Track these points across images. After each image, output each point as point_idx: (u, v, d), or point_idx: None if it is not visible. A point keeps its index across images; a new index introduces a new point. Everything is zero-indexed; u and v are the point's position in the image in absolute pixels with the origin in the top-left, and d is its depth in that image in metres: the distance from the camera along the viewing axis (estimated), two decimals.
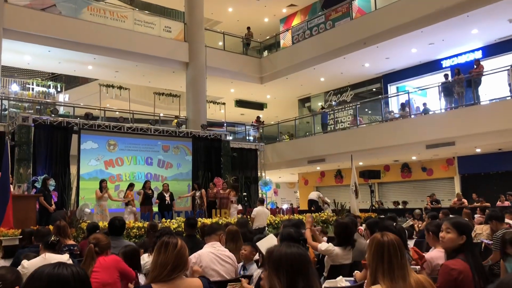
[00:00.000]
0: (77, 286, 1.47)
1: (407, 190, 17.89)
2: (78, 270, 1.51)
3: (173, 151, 14.82)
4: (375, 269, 2.50)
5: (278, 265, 1.92)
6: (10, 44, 13.71)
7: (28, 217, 8.61)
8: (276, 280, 1.89)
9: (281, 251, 1.97)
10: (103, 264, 3.47)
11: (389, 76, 18.68)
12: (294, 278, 1.88)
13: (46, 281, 1.44)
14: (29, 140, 11.70)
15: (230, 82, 19.39)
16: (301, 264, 1.94)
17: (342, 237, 4.68)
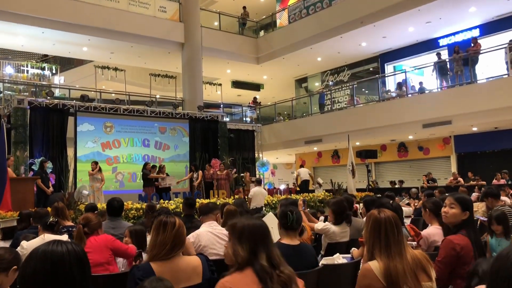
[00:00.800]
0: (73, 261, 1.48)
1: (404, 169, 17.98)
2: (73, 246, 1.52)
3: (170, 132, 14.80)
4: (372, 245, 2.53)
5: (241, 234, 2.04)
6: (3, 25, 13.53)
7: (26, 200, 8.62)
8: (239, 248, 2.01)
9: (244, 223, 2.09)
10: (94, 244, 3.46)
11: (386, 55, 18.58)
12: (256, 245, 2.02)
13: (42, 258, 1.45)
14: (25, 122, 11.66)
15: (226, 62, 19.26)
16: (262, 234, 2.08)
17: (337, 215, 4.70)
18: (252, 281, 1.94)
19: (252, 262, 1.98)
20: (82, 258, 1.52)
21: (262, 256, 2.01)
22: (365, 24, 15.33)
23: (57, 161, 11.93)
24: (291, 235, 3.16)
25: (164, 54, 17.74)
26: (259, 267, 1.97)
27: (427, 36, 16.71)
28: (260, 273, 1.96)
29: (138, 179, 13.63)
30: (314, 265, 3.22)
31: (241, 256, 1.99)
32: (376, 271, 2.39)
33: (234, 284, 1.92)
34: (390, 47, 17.88)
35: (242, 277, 1.96)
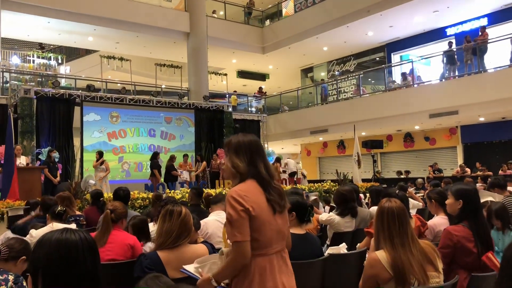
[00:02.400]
0: (85, 250, 1.48)
1: (410, 159, 17.92)
2: (85, 235, 1.53)
3: (176, 122, 14.81)
4: (377, 235, 2.55)
5: (238, 148, 2.13)
6: (9, 15, 13.54)
7: (34, 189, 8.67)
8: (238, 160, 2.10)
9: (238, 138, 2.17)
10: (119, 238, 3.38)
11: (392, 45, 18.44)
12: (252, 157, 2.11)
13: (55, 245, 1.45)
14: (31, 112, 11.71)
15: (231, 52, 19.19)
16: (257, 147, 2.16)
17: (341, 206, 4.69)
18: (257, 189, 2.05)
19: (253, 173, 2.08)
20: (93, 247, 1.53)
21: (261, 165, 2.11)
22: (372, 13, 15.20)
23: (63, 151, 11.99)
24: (302, 227, 3.17)
25: (170, 44, 17.69)
26: (260, 177, 2.08)
27: (434, 26, 16.55)
28: (262, 182, 2.07)
29: (144, 169, 13.70)
30: (320, 254, 3.23)
31: (242, 167, 2.08)
32: (383, 261, 2.40)
33: (246, 191, 2.02)
34: (397, 36, 17.73)
35: (249, 186, 2.05)
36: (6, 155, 8.45)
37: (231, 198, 1.99)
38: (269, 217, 2.04)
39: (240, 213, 1.96)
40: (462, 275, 2.92)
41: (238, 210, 1.96)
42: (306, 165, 21.94)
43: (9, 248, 2.47)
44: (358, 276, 3.57)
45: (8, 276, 2.29)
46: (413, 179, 13.20)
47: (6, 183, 8.27)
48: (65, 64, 19.64)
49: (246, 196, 1.99)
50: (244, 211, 1.96)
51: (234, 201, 1.97)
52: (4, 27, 13.38)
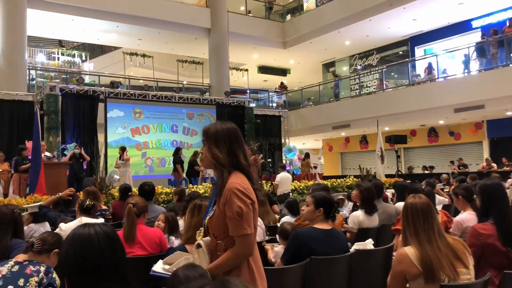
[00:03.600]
0: (101, 242, 1.54)
1: (434, 155, 17.64)
2: (101, 227, 1.58)
3: (198, 118, 14.90)
4: (404, 231, 2.54)
5: (217, 137, 2.09)
6: (34, 13, 13.80)
7: (60, 184, 8.86)
8: (216, 149, 2.07)
9: (217, 127, 2.12)
10: (146, 233, 3.39)
11: (416, 38, 18.14)
12: (232, 145, 2.08)
13: (71, 241, 1.54)
14: (57, 109, 11.94)
15: (252, 48, 19.16)
16: (236, 135, 2.13)
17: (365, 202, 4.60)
18: (247, 181, 2.04)
19: (235, 164, 2.06)
20: (112, 238, 1.58)
21: (240, 155, 2.08)
22: (395, 7, 14.96)
23: (88, 147, 12.19)
24: (327, 222, 3.14)
25: (191, 40, 17.78)
26: (242, 168, 2.06)
27: (460, 18, 16.20)
28: (247, 173, 2.07)
29: (166, 164, 13.83)
30: (345, 250, 3.21)
31: (222, 157, 2.06)
32: (412, 257, 2.38)
33: (245, 184, 2.01)
34: (421, 29, 17.42)
35: (243, 179, 2.03)
36: (33, 151, 8.65)
37: (238, 191, 1.96)
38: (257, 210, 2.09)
39: (249, 206, 1.97)
40: (493, 273, 2.86)
41: (247, 203, 1.96)
42: (328, 161, 21.84)
43: (42, 241, 2.53)
44: (385, 272, 3.54)
45: (40, 268, 2.35)
46: (437, 175, 13.00)
47: (34, 178, 8.47)
48: (89, 61, 19.96)
49: (248, 189, 2.00)
50: (252, 203, 1.99)
51: (242, 194, 1.96)
52: (30, 25, 13.64)
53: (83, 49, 20.69)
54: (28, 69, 14.43)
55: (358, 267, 3.32)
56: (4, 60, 12.84)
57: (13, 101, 12.25)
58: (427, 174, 14.93)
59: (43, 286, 2.30)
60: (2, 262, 2.41)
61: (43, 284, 2.30)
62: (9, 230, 3.01)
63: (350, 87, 18.31)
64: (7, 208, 3.11)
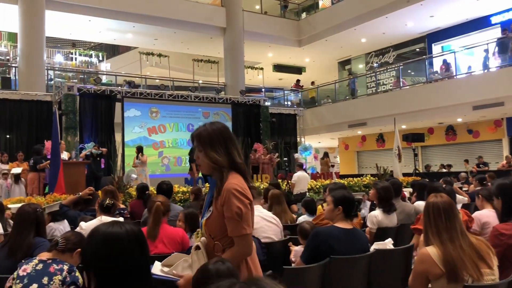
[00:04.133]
0: (132, 242, 1.52)
1: (452, 153, 17.40)
2: (132, 227, 1.56)
3: (213, 117, 14.94)
4: (426, 230, 2.52)
5: (211, 140, 2.07)
6: (53, 15, 13.99)
7: (78, 183, 8.97)
8: (214, 152, 2.05)
9: (208, 129, 2.10)
10: (168, 231, 3.40)
11: (433, 35, 17.91)
12: (227, 145, 2.07)
13: (102, 239, 1.50)
14: (75, 108, 12.08)
15: (268, 46, 19.14)
16: (228, 134, 2.12)
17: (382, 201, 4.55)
18: (244, 181, 2.04)
19: (232, 164, 2.05)
20: (141, 239, 1.56)
21: (235, 154, 2.08)
22: (412, 3, 14.79)
23: (105, 146, 12.28)
24: (348, 221, 3.12)
25: (206, 39, 17.84)
26: (239, 167, 2.06)
27: (478, 14, 15.94)
28: (242, 172, 2.06)
29: (183, 163, 13.90)
30: (366, 249, 3.19)
31: (221, 160, 2.04)
32: (434, 256, 2.35)
33: (242, 184, 2.01)
34: (438, 26, 17.20)
35: (240, 179, 2.03)
36: (52, 150, 8.77)
37: (237, 191, 1.96)
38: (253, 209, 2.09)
39: (248, 206, 1.97)
40: None
41: (246, 203, 1.96)
42: (344, 159, 21.72)
43: (66, 240, 2.57)
44: (405, 272, 3.51)
45: (63, 266, 2.39)
46: (455, 173, 12.82)
47: (53, 177, 8.59)
48: (105, 61, 20.16)
49: (246, 189, 2.00)
50: (250, 203, 1.99)
51: (240, 194, 1.96)
52: (48, 26, 13.83)
53: (100, 49, 20.91)
54: (47, 69, 14.64)
55: (377, 267, 3.29)
56: (24, 61, 13.06)
57: (32, 101, 12.45)
58: (445, 172, 14.73)
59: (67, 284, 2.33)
60: (27, 260, 2.45)
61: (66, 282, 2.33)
62: (32, 228, 3.06)
63: (366, 85, 18.16)
64: (30, 207, 3.16)
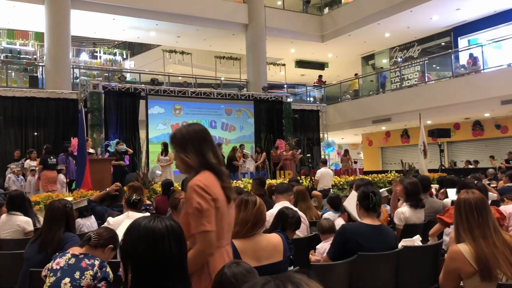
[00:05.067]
0: (171, 238, 1.52)
1: (479, 149, 17.03)
2: (172, 223, 1.56)
3: (236, 114, 14.97)
4: (457, 227, 2.46)
5: (183, 142, 2.09)
6: (78, 14, 14.22)
7: (104, 179, 9.11)
8: (184, 154, 2.06)
9: (183, 131, 2.12)
10: None
11: (459, 29, 17.51)
12: (201, 145, 2.07)
13: (143, 233, 1.50)
14: (100, 106, 12.26)
15: (290, 42, 19.05)
16: (204, 135, 2.12)
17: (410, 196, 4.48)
18: (214, 179, 2.02)
19: (204, 163, 2.05)
20: (180, 236, 1.56)
21: (210, 154, 2.07)
22: None
23: (130, 143, 12.46)
24: (372, 216, 3.09)
25: (229, 36, 17.86)
26: (212, 166, 2.04)
27: (506, 6, 15.50)
28: (215, 171, 2.04)
29: None
30: (394, 246, 3.14)
31: (191, 160, 2.05)
32: (466, 254, 2.29)
33: (208, 181, 1.98)
34: (464, 19, 16.80)
35: (207, 177, 2.00)
36: (79, 148, 8.93)
37: (198, 187, 1.94)
38: (225, 209, 2.03)
39: (210, 202, 1.94)
40: None
41: (207, 199, 1.93)
42: (367, 156, 21.50)
43: (98, 236, 2.61)
44: (433, 269, 3.44)
45: (94, 261, 2.42)
46: (483, 169, 12.54)
47: (80, 173, 8.75)
48: (129, 59, 20.40)
49: (212, 186, 1.97)
50: (212, 200, 1.95)
51: (201, 190, 1.94)
52: (73, 25, 14.07)
53: (123, 47, 21.17)
54: (72, 68, 14.90)
55: (405, 264, 3.24)
56: (50, 60, 13.32)
57: (58, 99, 12.72)
58: (472, 169, 14.42)
59: (98, 280, 2.36)
60: (61, 253, 2.50)
61: (97, 278, 2.37)
62: (62, 224, 3.11)
63: (390, 80, 17.91)
64: (60, 202, 3.21)
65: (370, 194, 3.05)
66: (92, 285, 2.34)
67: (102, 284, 2.35)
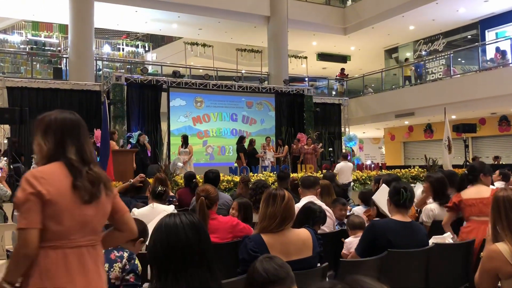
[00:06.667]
0: (187, 230, 1.58)
1: (506, 144, 16.62)
2: (187, 217, 1.61)
3: (257, 107, 14.92)
4: (494, 225, 2.37)
5: (47, 128, 1.91)
6: (101, 6, 14.31)
7: (127, 170, 9.17)
8: (44, 141, 1.89)
9: (51, 116, 1.94)
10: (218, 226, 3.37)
11: (487, 21, 17.05)
12: (63, 138, 1.90)
13: (165, 230, 1.59)
14: (122, 98, 12.35)
15: (312, 34, 18.84)
16: (72, 126, 1.94)
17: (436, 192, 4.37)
18: (62, 173, 1.83)
19: (59, 156, 1.87)
20: (197, 225, 1.61)
21: (71, 149, 1.89)
22: None
23: (152, 135, 12.54)
24: (403, 213, 3.00)
25: (250, 29, 17.77)
26: (67, 160, 1.86)
27: None
28: (70, 166, 1.85)
29: (226, 152, 13.99)
30: (425, 243, 3.05)
31: (45, 149, 1.88)
32: (506, 253, 2.20)
33: (45, 173, 1.80)
34: (492, 11, 16.35)
35: (51, 168, 1.84)
36: (102, 139, 8.99)
37: (24, 179, 1.77)
38: (71, 205, 1.80)
39: (29, 196, 1.73)
40: None
41: (26, 193, 1.74)
42: (390, 150, 21.23)
43: None
44: (464, 267, 3.34)
45: (123, 253, 2.41)
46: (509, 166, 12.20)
47: (103, 165, 8.81)
48: (151, 52, 20.50)
49: (42, 178, 1.77)
50: (34, 194, 1.74)
51: (26, 183, 1.76)
52: (97, 18, 14.17)
53: (146, 39, 21.28)
54: (95, 60, 15.03)
55: (436, 261, 3.15)
56: (74, 52, 13.45)
57: (81, 91, 12.85)
58: (499, 165, 14.06)
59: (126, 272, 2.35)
60: None
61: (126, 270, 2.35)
62: None
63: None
64: None
65: (401, 189, 2.96)
66: (120, 278, 2.33)
67: (131, 276, 2.34)
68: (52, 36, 18.23)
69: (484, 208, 3.62)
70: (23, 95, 12.15)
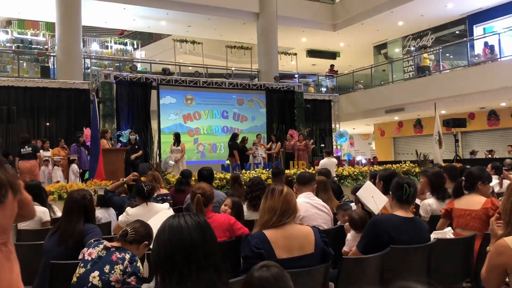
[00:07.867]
0: (191, 230, 1.54)
1: (494, 139, 16.76)
2: (191, 216, 1.58)
3: (248, 104, 14.84)
4: (509, 218, 2.31)
5: None
6: (89, 4, 14.11)
7: (118, 169, 9.06)
8: None
9: None
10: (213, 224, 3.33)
11: (474, 17, 17.16)
12: None
13: (168, 231, 1.54)
14: (112, 96, 12.18)
15: (301, 31, 18.81)
16: None
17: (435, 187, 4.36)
18: None
19: None
20: (202, 226, 1.57)
21: None
22: None
23: (142, 133, 12.40)
24: (405, 208, 2.96)
25: (239, 25, 17.67)
26: None
27: None
28: None
29: (218, 150, 13.90)
30: (427, 239, 3.01)
31: None
32: None
33: None
34: (480, 7, 16.45)
35: None
36: (92, 138, 8.86)
37: None
38: None
39: None
40: None
41: None
42: (380, 146, 21.30)
43: (136, 231, 2.54)
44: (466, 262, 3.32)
45: (125, 255, 2.35)
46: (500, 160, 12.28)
47: (93, 163, 8.68)
48: (140, 49, 20.30)
49: None
50: None
51: None
52: (84, 15, 13.96)
53: (134, 37, 21.07)
54: (84, 58, 14.82)
55: (438, 257, 3.11)
56: (61, 50, 13.25)
57: (70, 89, 12.67)
58: (489, 159, 14.17)
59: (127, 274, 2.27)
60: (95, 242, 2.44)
61: (127, 272, 2.28)
62: (81, 215, 3.03)
63: (403, 69, 17.64)
64: (79, 193, 3.12)
65: (404, 185, 2.92)
66: (121, 280, 2.26)
67: (132, 279, 2.26)
68: (39, 34, 17.97)
69: (472, 221, 3.50)
70: (10, 94, 11.95)
